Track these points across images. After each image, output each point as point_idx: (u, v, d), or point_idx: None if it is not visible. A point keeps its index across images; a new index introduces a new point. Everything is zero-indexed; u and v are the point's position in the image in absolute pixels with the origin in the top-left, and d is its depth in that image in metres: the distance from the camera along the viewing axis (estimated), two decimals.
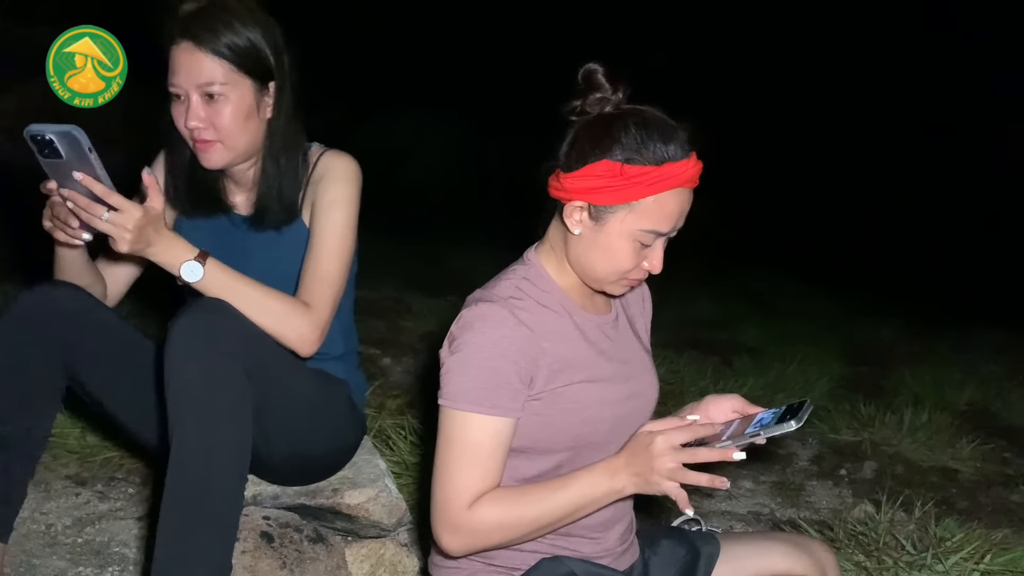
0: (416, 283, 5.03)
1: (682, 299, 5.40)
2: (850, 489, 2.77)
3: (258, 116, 1.60)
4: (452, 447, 1.27)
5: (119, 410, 1.64)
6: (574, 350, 1.34)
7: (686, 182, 1.27)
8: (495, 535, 1.27)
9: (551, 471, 1.35)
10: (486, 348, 1.26)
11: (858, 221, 9.70)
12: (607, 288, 1.36)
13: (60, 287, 1.56)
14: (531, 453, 1.34)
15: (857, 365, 4.47)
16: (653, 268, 1.33)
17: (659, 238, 1.31)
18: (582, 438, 1.34)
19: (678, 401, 3.21)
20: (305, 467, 1.73)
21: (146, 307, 2.91)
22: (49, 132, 1.33)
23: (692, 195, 1.31)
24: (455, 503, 1.26)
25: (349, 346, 1.81)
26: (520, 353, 1.27)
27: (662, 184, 1.25)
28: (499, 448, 1.27)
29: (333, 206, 1.62)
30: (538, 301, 1.34)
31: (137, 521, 2.01)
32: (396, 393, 2.93)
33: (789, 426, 1.24)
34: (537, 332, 1.30)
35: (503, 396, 1.26)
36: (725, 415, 1.37)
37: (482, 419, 1.26)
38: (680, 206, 1.29)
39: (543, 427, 1.32)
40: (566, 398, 1.32)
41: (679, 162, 1.26)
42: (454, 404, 1.27)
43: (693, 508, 1.32)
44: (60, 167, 1.37)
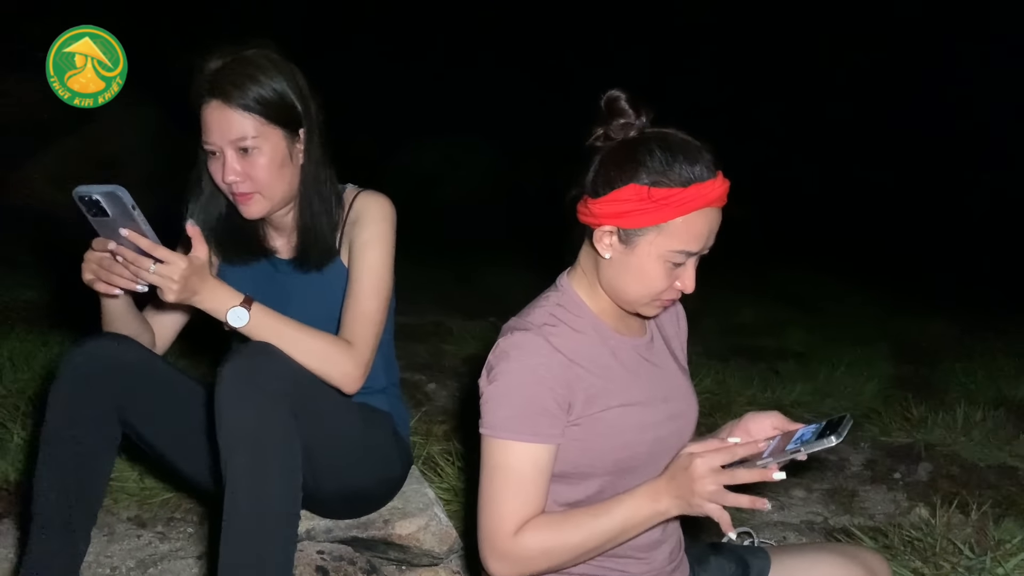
0: (455, 306, 5.07)
1: (724, 307, 5.37)
2: (904, 493, 2.73)
3: (292, 163, 1.65)
4: (495, 475, 1.30)
5: (173, 454, 1.68)
6: (610, 374, 1.36)
7: (713, 201, 1.29)
8: (541, 561, 1.29)
9: (593, 496, 1.36)
10: (523, 376, 1.29)
11: (898, 217, 9.54)
12: (640, 310, 1.38)
13: (109, 340, 1.60)
14: (572, 478, 1.36)
15: (906, 364, 4.40)
16: (686, 288, 1.34)
17: (690, 257, 1.32)
18: (622, 462, 1.35)
19: (726, 412, 3.19)
20: (355, 500, 1.77)
21: (194, 350, 2.99)
22: (95, 193, 1.39)
23: (720, 214, 1.33)
24: (500, 531, 1.28)
25: (391, 379, 1.84)
26: (556, 380, 1.29)
27: (690, 205, 1.27)
28: (541, 475, 1.29)
29: (369, 245, 1.67)
30: (572, 327, 1.36)
31: (197, 560, 2.05)
32: (442, 419, 2.96)
33: (829, 441, 1.23)
34: (572, 358, 1.32)
35: (542, 423, 1.28)
36: (765, 432, 1.37)
37: (523, 447, 1.28)
38: (709, 225, 1.30)
39: (583, 452, 1.33)
40: (604, 423, 1.33)
41: (706, 182, 1.27)
42: (495, 433, 1.29)
43: (743, 524, 1.32)
44: (107, 224, 1.44)
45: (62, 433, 1.55)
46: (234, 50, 1.61)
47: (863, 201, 10.01)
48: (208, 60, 1.60)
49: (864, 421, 3.26)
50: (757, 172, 9.50)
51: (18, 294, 4.29)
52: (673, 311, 1.57)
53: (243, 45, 1.62)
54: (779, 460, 1.28)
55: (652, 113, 1.34)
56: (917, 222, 9.37)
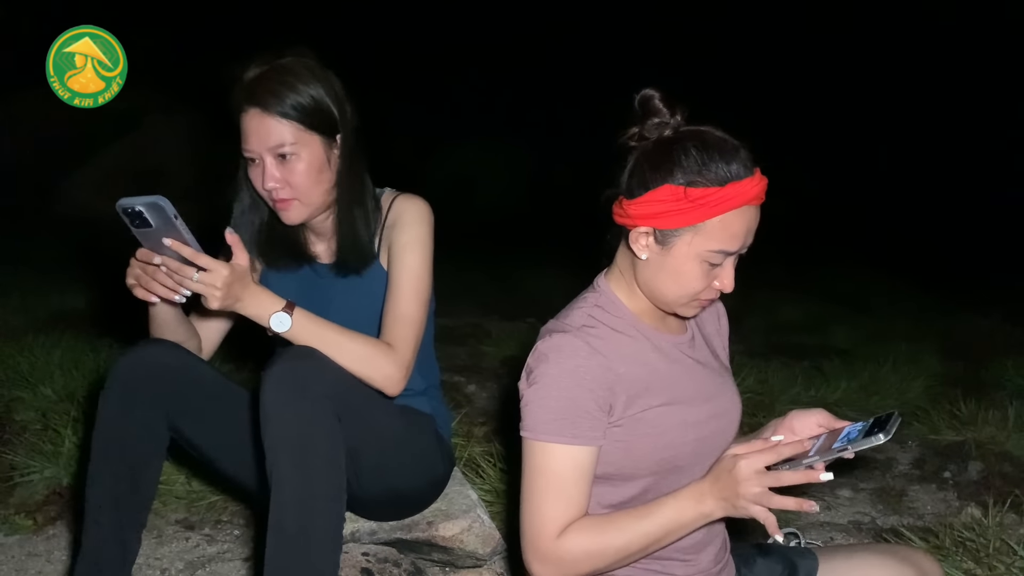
0: (494, 308, 5.08)
1: (767, 305, 5.30)
2: (955, 492, 2.67)
3: (329, 168, 1.67)
4: (536, 478, 1.29)
5: (219, 458, 1.71)
6: (650, 374, 1.35)
7: (751, 200, 1.27)
8: (584, 564, 1.28)
9: (637, 497, 1.35)
10: (563, 378, 1.28)
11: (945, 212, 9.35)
12: (679, 310, 1.37)
13: (157, 345, 1.63)
14: (615, 480, 1.35)
15: (954, 361, 4.30)
16: (724, 287, 1.33)
17: (728, 257, 1.30)
18: (665, 462, 1.34)
19: (768, 411, 3.15)
20: (399, 502, 1.78)
21: (237, 355, 3.03)
22: (138, 204, 1.41)
23: (759, 212, 1.31)
24: (543, 534, 1.27)
25: (431, 380, 1.85)
26: (596, 381, 1.29)
27: (727, 204, 1.25)
28: (582, 477, 1.29)
29: (408, 248, 1.68)
30: (611, 327, 1.35)
31: (244, 562, 2.08)
32: (482, 420, 2.96)
33: (877, 439, 1.21)
34: (612, 359, 1.31)
35: (583, 425, 1.28)
36: (810, 430, 1.35)
37: (564, 449, 1.28)
38: (747, 224, 1.28)
39: (625, 453, 1.33)
40: (646, 423, 1.32)
41: (742, 181, 1.25)
42: (535, 435, 1.29)
43: (789, 524, 1.30)
44: (150, 235, 1.46)
45: (112, 437, 1.58)
46: (271, 58, 1.63)
47: (910, 196, 9.83)
48: (246, 69, 1.62)
49: (911, 419, 3.19)
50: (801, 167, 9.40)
51: (66, 302, 4.39)
52: (714, 309, 1.55)
53: (280, 53, 1.64)
54: (825, 459, 1.26)
55: (687, 111, 1.32)
56: (966, 217, 9.18)
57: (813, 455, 1.27)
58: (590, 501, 1.31)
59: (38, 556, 2.10)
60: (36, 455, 2.43)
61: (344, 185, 1.69)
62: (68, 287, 4.61)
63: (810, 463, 1.27)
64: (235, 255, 1.52)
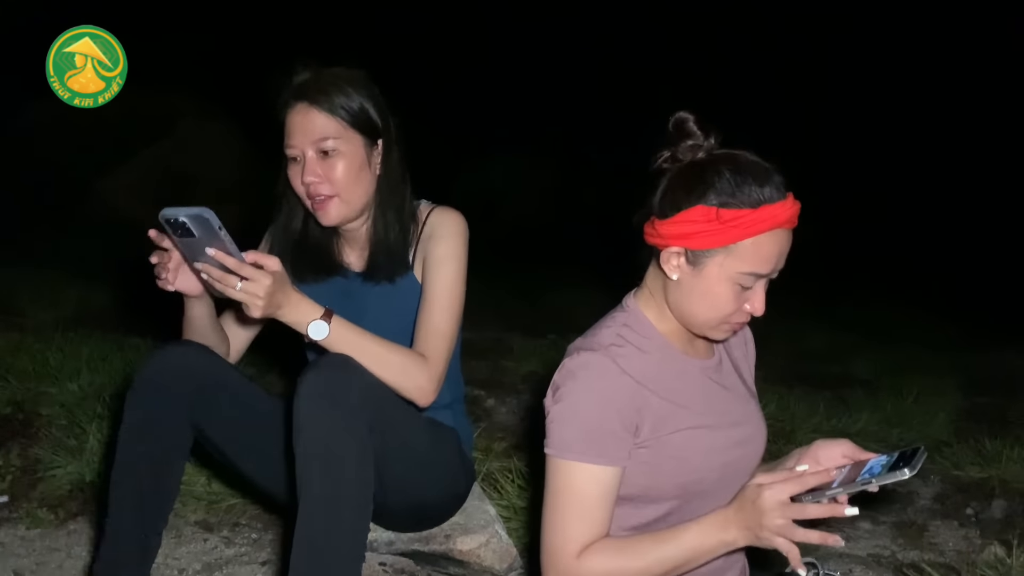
0: (516, 323, 5.07)
1: (789, 333, 5.26)
2: (977, 530, 2.63)
3: (369, 171, 1.70)
4: (559, 497, 1.29)
5: (242, 461, 1.72)
6: (678, 397, 1.34)
7: (783, 223, 1.27)
8: (598, 570, 1.27)
9: (659, 520, 1.35)
10: (590, 398, 1.28)
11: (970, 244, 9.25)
12: (709, 333, 1.37)
13: (186, 347, 1.65)
14: (639, 502, 1.35)
15: (979, 396, 4.24)
16: (755, 311, 1.33)
17: (759, 280, 1.30)
18: (690, 486, 1.34)
19: (789, 439, 3.12)
20: (419, 514, 1.78)
21: (261, 361, 3.06)
22: (182, 215, 1.41)
23: (791, 236, 1.31)
24: (563, 553, 1.27)
25: (456, 394, 1.86)
26: (623, 402, 1.29)
27: (759, 226, 1.25)
28: (606, 497, 1.29)
29: (443, 261, 1.69)
30: (639, 348, 1.35)
31: (261, 566, 2.09)
32: (501, 435, 2.95)
33: (902, 474, 1.20)
34: (640, 380, 1.31)
35: (609, 445, 1.28)
36: (835, 461, 1.34)
37: (588, 468, 1.28)
38: (779, 247, 1.28)
39: (650, 475, 1.32)
40: (673, 446, 1.32)
41: (775, 204, 1.26)
42: (560, 454, 1.29)
43: (808, 554, 1.29)
44: (193, 245, 1.47)
45: (137, 436, 1.60)
46: (322, 66, 1.69)
47: (935, 227, 9.74)
48: (296, 73, 1.68)
49: (934, 453, 3.14)
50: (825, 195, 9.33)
51: (95, 301, 4.45)
52: (741, 335, 1.55)
53: (331, 63, 1.70)
54: (849, 491, 1.25)
55: (721, 135, 1.33)
56: (992, 249, 9.07)
57: (836, 487, 1.26)
58: (612, 522, 1.31)
59: (59, 550, 2.12)
60: (60, 450, 2.46)
61: (383, 193, 1.71)
62: (98, 287, 4.67)
63: (833, 495, 1.27)
64: (267, 265, 1.50)
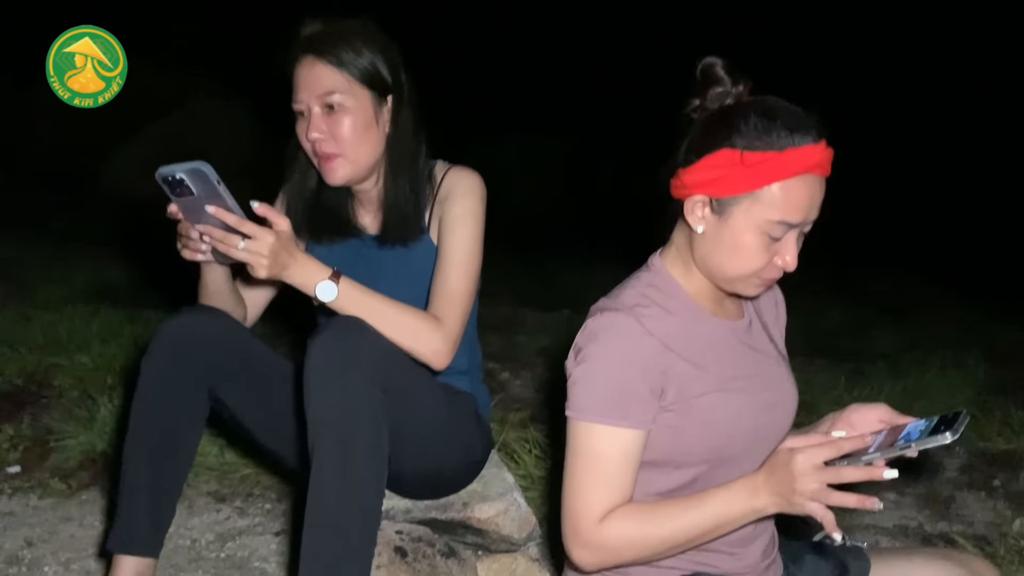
0: (530, 299, 5.04)
1: (809, 307, 5.18)
2: (1006, 501, 2.58)
3: (377, 128, 1.64)
4: (580, 460, 1.24)
5: (259, 429, 1.68)
6: (705, 358, 1.28)
7: (813, 167, 1.19)
8: (626, 552, 1.23)
9: (686, 486, 1.30)
10: (613, 359, 1.23)
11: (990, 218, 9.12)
12: (739, 288, 1.30)
13: (203, 312, 1.61)
14: (665, 467, 1.29)
15: (1004, 369, 4.18)
16: (787, 264, 1.25)
17: (790, 230, 1.23)
18: (718, 450, 1.28)
19: (810, 412, 3.06)
20: (436, 481, 1.74)
21: (280, 326, 3.02)
22: (179, 171, 1.36)
23: (824, 184, 1.23)
24: (585, 518, 1.22)
25: (473, 360, 1.81)
26: (648, 364, 1.23)
27: (787, 170, 1.18)
28: (628, 461, 1.23)
29: (460, 222, 1.64)
30: (665, 308, 1.29)
31: (275, 536, 2.06)
32: (517, 407, 2.92)
33: (944, 438, 1.14)
34: (666, 342, 1.25)
35: (632, 407, 1.22)
36: (870, 426, 1.28)
37: (610, 431, 1.22)
38: (810, 194, 1.20)
39: (677, 440, 1.27)
40: (700, 409, 1.26)
41: (804, 147, 1.18)
42: (581, 416, 1.24)
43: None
44: (192, 204, 1.42)
45: (153, 402, 1.56)
46: (332, 19, 1.62)
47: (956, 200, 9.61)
48: (305, 26, 1.62)
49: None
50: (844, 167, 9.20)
51: (106, 275, 4.43)
52: (772, 297, 1.49)
53: (344, 16, 1.63)
54: (886, 455, 1.19)
55: (751, 82, 1.26)
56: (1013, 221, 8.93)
57: (873, 451, 1.20)
58: (636, 487, 1.26)
59: (71, 520, 2.10)
60: (72, 421, 2.43)
61: (394, 152, 1.65)
62: (109, 261, 4.65)
63: (870, 459, 1.20)
64: (275, 223, 1.47)
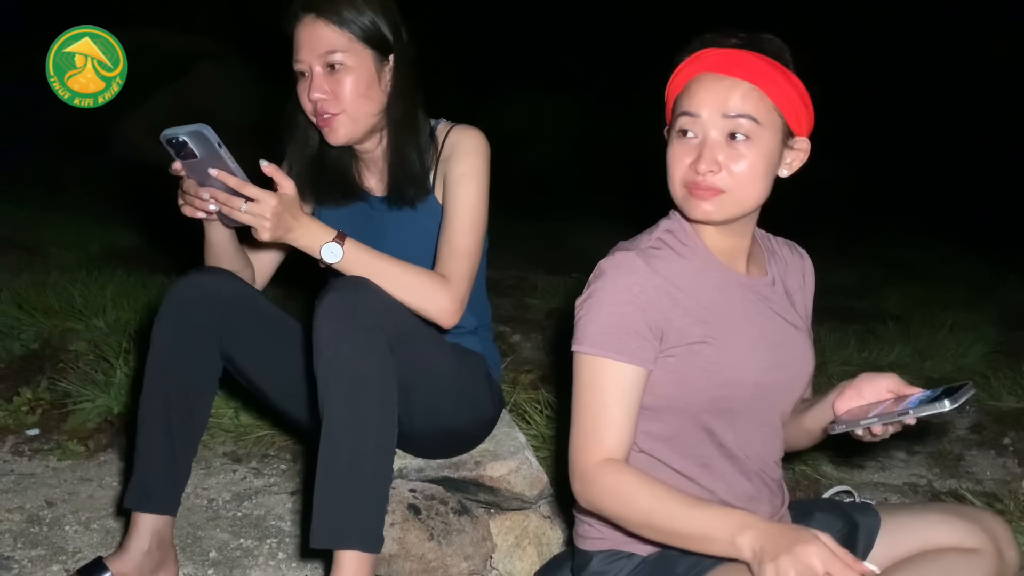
0: (540, 262, 5.04)
1: (819, 267, 5.16)
2: (1015, 459, 2.59)
3: (379, 87, 1.63)
4: (581, 394, 1.27)
5: (272, 390, 1.70)
6: (712, 306, 1.30)
7: (711, 67, 1.26)
8: (607, 501, 1.23)
9: (686, 433, 1.32)
10: (616, 294, 1.25)
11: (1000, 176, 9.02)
12: (686, 209, 1.29)
13: (212, 273, 1.61)
14: (665, 412, 1.31)
15: (1015, 329, 4.17)
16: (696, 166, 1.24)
17: (698, 125, 1.25)
18: (720, 401, 1.30)
19: (820, 372, 3.06)
20: (448, 440, 1.75)
21: (290, 290, 3.04)
22: (182, 134, 1.37)
23: (740, 86, 1.24)
24: (584, 450, 1.25)
25: (483, 320, 1.82)
26: (650, 302, 1.25)
27: (680, 78, 1.29)
28: (625, 396, 1.25)
29: (464, 179, 1.63)
30: (677, 252, 1.31)
31: (290, 495, 2.09)
32: (528, 368, 2.93)
33: (942, 406, 1.15)
34: (672, 282, 1.27)
35: (630, 343, 1.24)
36: (879, 394, 1.29)
37: (609, 364, 1.25)
38: (707, 89, 1.26)
39: (678, 385, 1.28)
40: (703, 357, 1.27)
41: (707, 49, 1.28)
42: (582, 348, 1.27)
43: (843, 482, 1.25)
44: (196, 166, 1.43)
45: (166, 363, 1.57)
46: None
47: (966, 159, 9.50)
48: None
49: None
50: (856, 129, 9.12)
51: (118, 240, 4.45)
52: (800, 266, 1.50)
53: None
54: (885, 421, 1.22)
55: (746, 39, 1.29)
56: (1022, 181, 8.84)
57: (873, 416, 1.23)
58: (635, 430, 1.27)
59: (90, 481, 2.13)
60: (88, 384, 2.46)
61: (396, 112, 1.65)
62: (120, 226, 4.68)
63: (869, 424, 1.23)
64: (280, 185, 1.48)
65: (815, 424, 1.37)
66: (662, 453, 1.33)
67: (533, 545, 1.83)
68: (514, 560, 1.81)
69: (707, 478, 1.34)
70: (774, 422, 1.38)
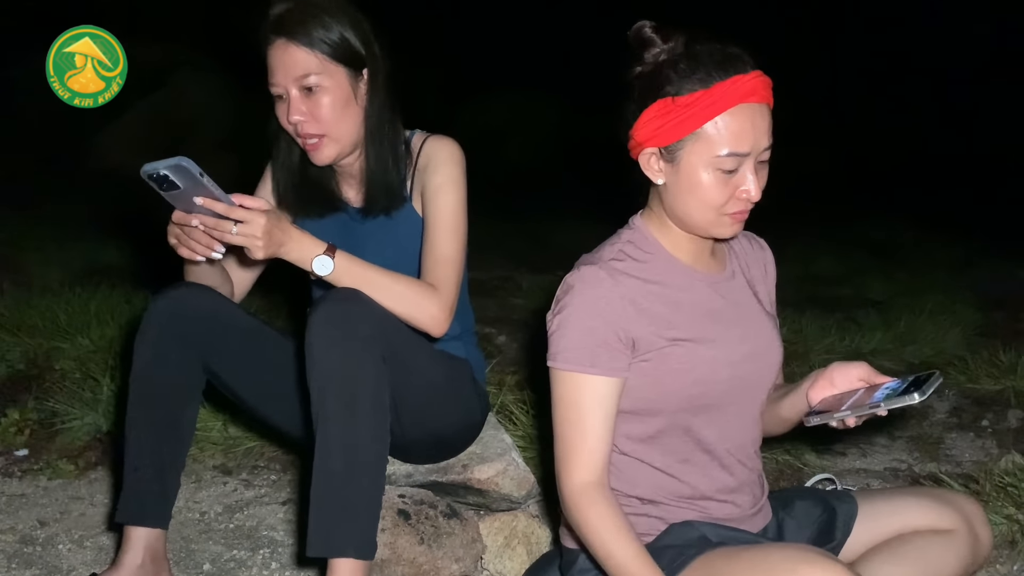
0: (523, 261, 5.06)
1: (799, 255, 5.22)
2: (994, 440, 2.63)
3: (356, 104, 1.65)
4: (558, 407, 1.32)
5: (255, 400, 1.72)
6: (678, 309, 1.33)
7: (745, 96, 1.24)
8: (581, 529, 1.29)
9: (665, 432, 1.35)
10: (583, 308, 1.29)
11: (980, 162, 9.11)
12: (713, 231, 1.33)
13: (191, 289, 1.63)
14: (643, 415, 1.35)
15: (993, 311, 4.22)
16: (749, 195, 1.28)
17: (743, 161, 1.26)
18: (695, 399, 1.33)
19: (803, 361, 3.11)
20: (436, 446, 1.78)
21: (273, 300, 3.05)
22: (162, 168, 1.38)
23: (767, 111, 1.27)
24: (564, 469, 1.30)
25: (466, 325, 1.84)
26: (618, 314, 1.29)
27: (719, 104, 1.23)
28: (600, 408, 1.29)
29: (442, 189, 1.66)
30: (640, 262, 1.35)
31: (281, 506, 2.11)
32: (514, 369, 2.96)
33: (912, 399, 1.19)
34: (636, 293, 1.31)
35: (602, 356, 1.28)
36: (850, 384, 1.33)
37: (582, 378, 1.29)
38: (750, 122, 1.25)
39: (654, 387, 1.32)
40: (675, 358, 1.31)
41: (731, 79, 1.23)
42: (555, 363, 1.31)
43: (824, 470, 1.28)
44: (180, 196, 1.44)
45: (149, 379, 1.59)
46: None
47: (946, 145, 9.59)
48: (274, 6, 1.61)
49: (949, 368, 3.14)
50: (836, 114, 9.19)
51: (100, 255, 4.44)
52: (761, 258, 1.53)
53: None
54: (857, 414, 1.25)
55: (684, 37, 1.30)
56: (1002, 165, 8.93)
57: (845, 409, 1.27)
58: (617, 433, 1.32)
59: (81, 499, 2.15)
60: (76, 402, 2.47)
61: (372, 125, 1.67)
62: (102, 241, 4.65)
63: (842, 417, 1.27)
64: (255, 206, 1.47)
65: (791, 412, 1.41)
66: (643, 453, 1.37)
67: (522, 544, 1.86)
68: (504, 560, 1.84)
69: (688, 474, 1.37)
70: (751, 413, 1.42)
